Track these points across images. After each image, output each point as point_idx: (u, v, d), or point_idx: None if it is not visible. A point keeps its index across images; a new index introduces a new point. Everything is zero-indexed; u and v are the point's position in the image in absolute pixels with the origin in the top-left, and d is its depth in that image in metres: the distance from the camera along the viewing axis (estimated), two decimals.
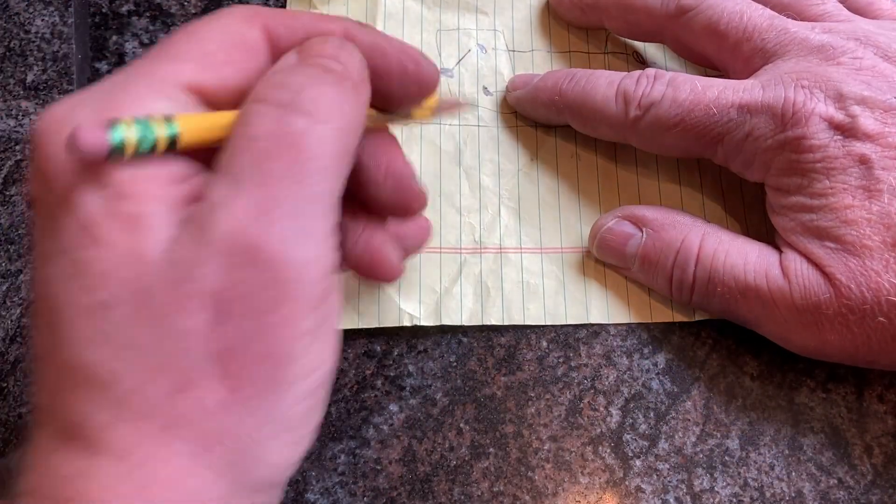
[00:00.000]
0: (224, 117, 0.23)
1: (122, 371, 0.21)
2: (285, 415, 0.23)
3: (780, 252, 0.33)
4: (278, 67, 0.25)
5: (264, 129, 0.22)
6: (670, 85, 0.34)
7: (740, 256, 0.33)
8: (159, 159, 0.22)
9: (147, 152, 0.21)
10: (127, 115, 0.21)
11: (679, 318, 0.36)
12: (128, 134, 0.21)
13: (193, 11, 0.40)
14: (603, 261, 0.37)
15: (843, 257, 0.31)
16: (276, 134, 0.22)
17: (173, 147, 0.22)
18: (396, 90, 0.28)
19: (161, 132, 0.22)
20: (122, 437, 0.21)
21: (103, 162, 0.21)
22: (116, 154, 0.21)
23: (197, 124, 0.23)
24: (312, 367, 0.23)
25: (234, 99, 0.24)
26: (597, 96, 0.36)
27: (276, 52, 0.25)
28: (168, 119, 0.22)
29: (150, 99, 0.23)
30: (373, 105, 0.27)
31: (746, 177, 0.35)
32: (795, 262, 0.32)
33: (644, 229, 0.35)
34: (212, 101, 0.24)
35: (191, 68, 0.24)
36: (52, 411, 0.22)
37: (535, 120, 0.39)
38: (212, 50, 0.24)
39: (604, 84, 0.36)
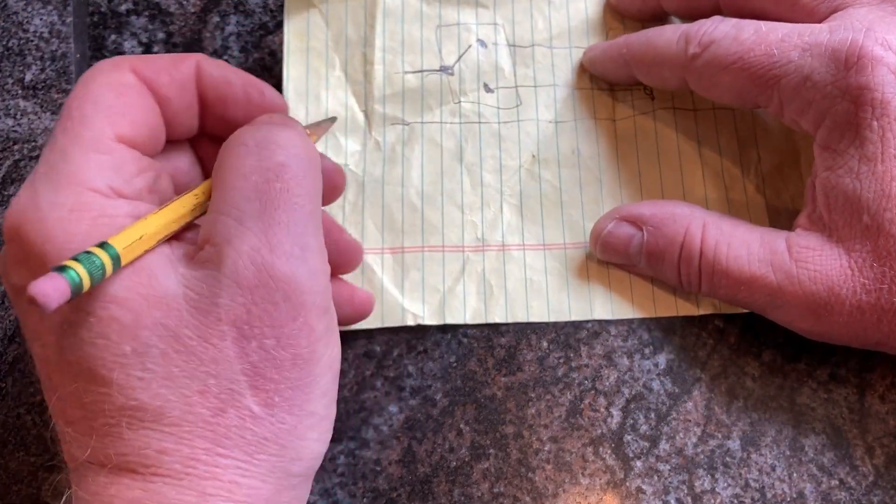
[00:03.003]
0: (147, 226, 0.26)
1: (169, 403, 0.25)
2: (313, 411, 0.27)
3: (793, 231, 0.33)
4: (238, 131, 0.28)
5: (251, 165, 0.26)
6: (734, 26, 0.34)
7: (743, 247, 0.33)
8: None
9: (99, 280, 0.24)
10: (65, 259, 0.24)
11: (683, 311, 0.36)
12: (81, 272, 0.23)
13: (192, 10, 0.41)
14: (608, 262, 0.37)
15: (874, 235, 0.31)
16: (263, 167, 0.26)
17: (117, 265, 0.25)
18: (244, 117, 0.31)
19: (104, 257, 0.24)
20: (177, 461, 0.25)
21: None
22: (76, 293, 0.23)
23: (129, 238, 0.25)
24: (329, 364, 0.27)
25: (149, 136, 0.29)
26: (660, 40, 0.36)
27: (151, 89, 0.29)
28: (102, 245, 0.24)
29: (89, 161, 0.26)
30: (226, 134, 0.29)
31: (801, 126, 0.34)
32: (810, 241, 0.32)
33: (644, 228, 0.35)
34: (136, 146, 0.28)
35: (106, 123, 0.27)
36: (100, 453, 0.25)
37: (605, 78, 0.40)
38: (111, 103, 0.27)
39: (668, 30, 0.36)
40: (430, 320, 0.36)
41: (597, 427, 0.35)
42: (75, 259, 0.24)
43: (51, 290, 0.22)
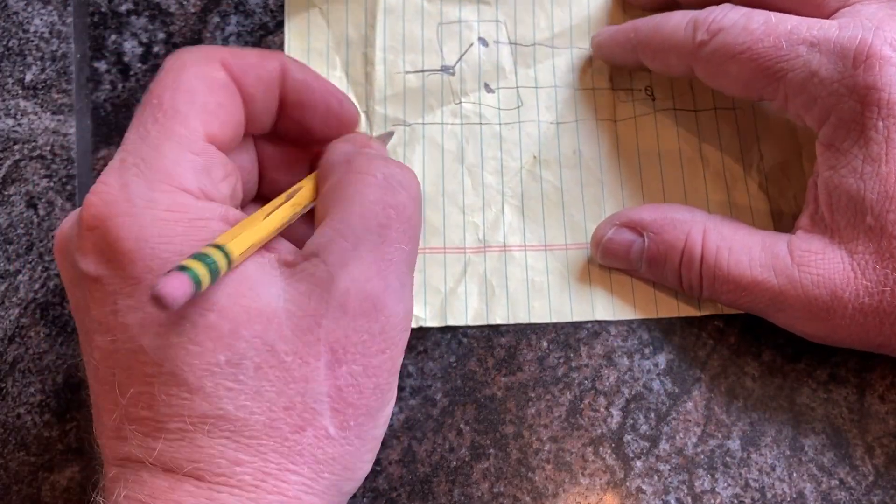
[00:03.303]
0: (257, 230, 0.27)
1: (253, 416, 0.25)
2: (374, 438, 0.28)
3: (794, 233, 0.33)
4: (343, 151, 0.30)
5: (376, 198, 0.28)
6: (745, 15, 0.34)
7: (744, 252, 0.33)
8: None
9: (213, 282, 0.25)
10: (186, 258, 0.24)
11: (685, 312, 0.37)
12: (202, 272, 0.24)
13: (192, 10, 0.41)
14: (609, 267, 0.37)
15: (877, 237, 0.31)
16: (387, 202, 0.28)
17: (228, 269, 0.26)
18: (319, 124, 0.32)
19: (220, 259, 0.25)
20: (248, 472, 0.25)
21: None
22: (196, 293, 0.24)
23: (244, 243, 0.26)
24: (394, 395, 0.29)
25: (233, 137, 0.29)
26: (667, 26, 0.36)
27: (238, 86, 0.29)
28: (217, 246, 0.25)
29: (184, 160, 0.27)
30: (294, 136, 0.31)
31: (805, 121, 0.34)
32: (811, 244, 0.32)
33: (645, 233, 0.35)
34: (220, 145, 0.28)
35: (199, 121, 0.27)
36: (167, 456, 0.25)
37: (612, 63, 0.40)
38: (205, 98, 0.28)
39: (677, 16, 0.36)
40: (431, 322, 0.36)
41: (597, 427, 0.35)
42: (195, 258, 0.24)
43: (178, 289, 0.23)
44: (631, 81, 0.40)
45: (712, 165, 0.39)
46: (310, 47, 0.40)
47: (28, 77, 0.40)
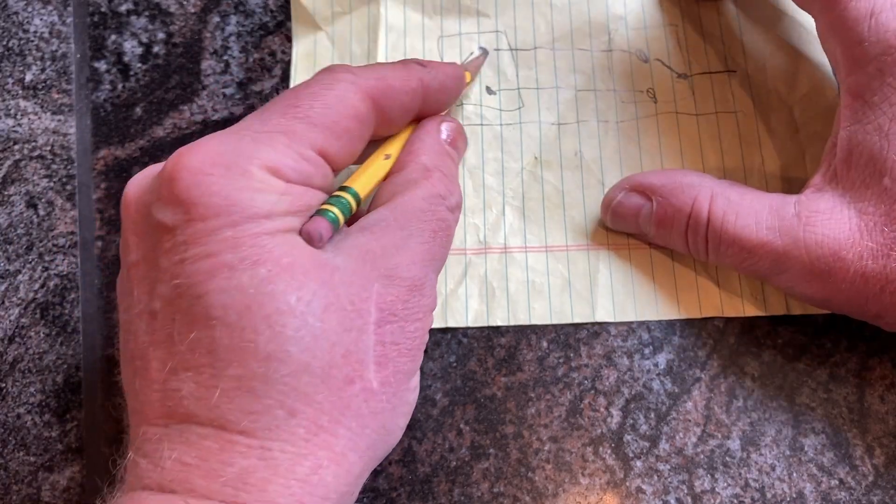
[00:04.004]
0: (378, 170, 0.33)
1: (314, 360, 0.26)
2: (408, 403, 0.30)
3: (802, 194, 0.33)
4: (433, 149, 0.34)
5: (434, 209, 0.31)
6: None
7: (751, 215, 0.33)
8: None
9: (349, 216, 0.30)
10: (326, 203, 0.29)
11: (686, 313, 0.37)
12: (337, 213, 0.29)
13: (192, 10, 0.41)
14: (618, 230, 0.38)
15: (891, 200, 0.31)
16: (439, 216, 0.31)
17: (358, 205, 0.31)
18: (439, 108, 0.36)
19: (351, 200, 0.30)
20: (302, 425, 0.26)
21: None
22: (335, 230, 0.29)
23: (364, 184, 0.32)
24: (419, 363, 0.30)
25: (347, 163, 0.31)
26: None
27: (377, 112, 0.32)
28: (346, 188, 0.31)
29: (288, 156, 0.28)
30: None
31: (837, 57, 0.33)
32: (820, 204, 0.32)
33: (653, 197, 0.36)
34: (332, 164, 0.30)
35: (321, 135, 0.29)
36: (222, 408, 0.25)
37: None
38: (336, 120, 0.30)
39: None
40: (432, 323, 0.36)
41: (597, 427, 0.35)
42: (330, 202, 0.29)
43: (324, 228, 0.28)
44: (633, 83, 0.41)
45: (713, 168, 0.39)
46: (316, 66, 0.40)
47: (28, 77, 0.40)
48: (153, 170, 0.29)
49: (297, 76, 0.40)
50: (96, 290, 0.37)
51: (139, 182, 0.29)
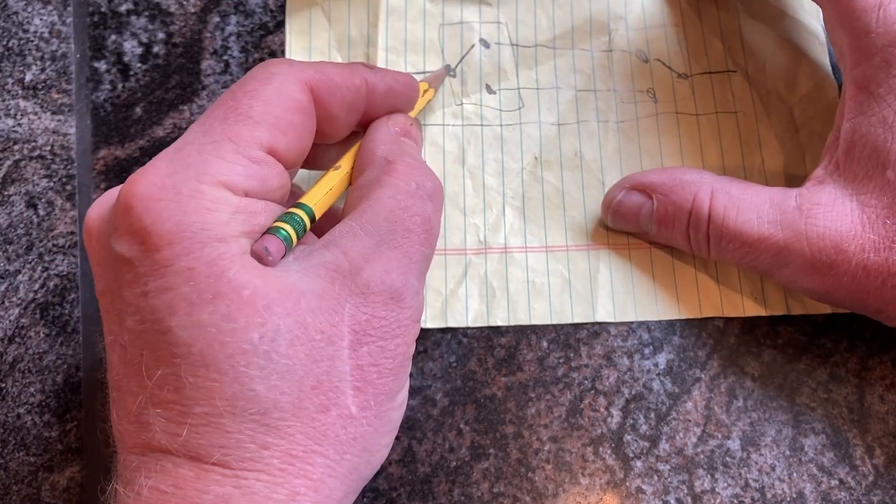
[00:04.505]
0: (328, 181, 0.31)
1: (283, 397, 0.26)
2: (392, 421, 0.29)
3: (804, 187, 0.33)
4: (385, 144, 0.32)
5: (405, 204, 0.29)
6: None
7: (752, 210, 0.33)
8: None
9: (302, 235, 0.29)
10: (278, 220, 0.28)
11: (686, 313, 0.37)
12: (290, 231, 0.28)
13: (192, 10, 0.41)
14: (619, 229, 0.38)
15: (893, 192, 0.31)
16: (413, 210, 0.29)
17: (313, 222, 0.30)
18: (386, 113, 0.34)
19: (303, 215, 0.29)
20: (275, 456, 0.25)
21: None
22: (287, 249, 0.28)
23: (314, 197, 0.30)
24: (407, 380, 0.30)
25: (298, 157, 0.30)
26: None
27: (318, 106, 0.31)
28: (300, 205, 0.29)
29: (238, 162, 0.28)
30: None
31: (844, 48, 0.33)
32: (821, 196, 0.32)
33: (654, 196, 0.36)
34: (283, 161, 0.29)
35: (266, 132, 0.29)
36: (194, 443, 0.25)
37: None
38: (279, 115, 0.29)
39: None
40: (432, 323, 0.37)
41: (597, 427, 0.35)
42: (282, 220, 0.28)
43: (274, 246, 0.27)
44: (633, 83, 0.41)
45: (713, 168, 0.39)
46: (311, 46, 0.40)
47: (28, 77, 0.40)
48: (111, 196, 0.29)
49: (291, 56, 0.40)
50: None
51: (98, 211, 0.29)
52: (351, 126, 0.33)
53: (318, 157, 0.34)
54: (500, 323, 0.37)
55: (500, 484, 0.35)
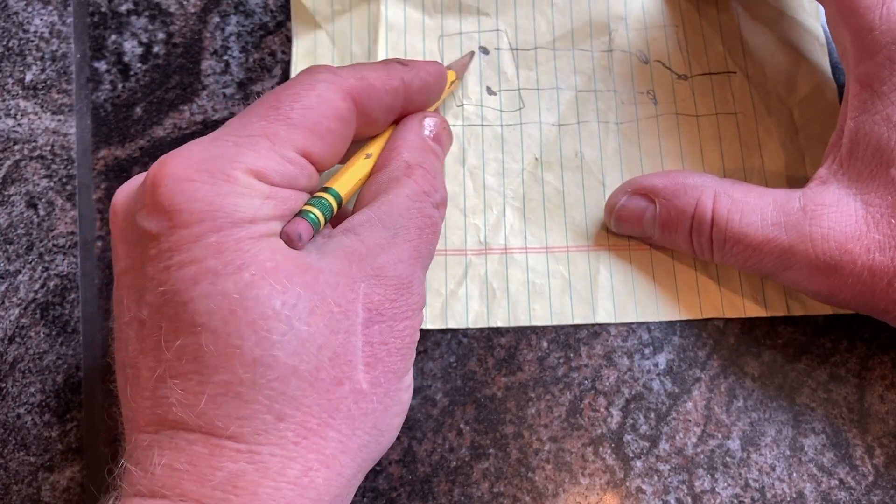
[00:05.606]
0: (359, 170, 0.33)
1: (301, 365, 0.26)
2: (401, 402, 0.30)
3: (807, 188, 0.33)
4: (414, 145, 0.34)
5: (419, 206, 0.31)
6: None
7: (756, 213, 0.33)
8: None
9: (329, 217, 0.31)
10: (308, 204, 0.30)
11: (687, 314, 0.37)
12: (321, 219, 0.30)
13: (192, 10, 0.41)
14: (622, 234, 0.38)
15: None
16: (425, 213, 0.32)
17: (339, 206, 0.32)
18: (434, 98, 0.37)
19: (331, 200, 0.31)
20: (290, 428, 0.26)
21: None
22: (315, 231, 0.29)
23: (345, 184, 0.32)
24: (412, 361, 0.31)
25: (331, 163, 0.32)
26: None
27: (359, 114, 0.32)
28: (327, 189, 0.31)
29: (271, 159, 0.29)
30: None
31: (847, 46, 0.33)
32: (825, 197, 0.32)
33: (657, 200, 0.36)
34: (316, 165, 0.30)
35: (304, 136, 0.30)
36: (209, 414, 0.26)
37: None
38: (317, 120, 0.30)
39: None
40: (432, 324, 0.37)
41: (597, 427, 0.36)
42: (311, 203, 0.30)
43: (304, 229, 0.28)
44: (633, 84, 0.41)
45: (714, 170, 0.39)
46: (316, 63, 0.41)
47: (28, 77, 0.40)
48: (140, 178, 0.29)
49: None
50: (96, 291, 0.38)
51: (126, 191, 0.29)
52: (388, 123, 0.35)
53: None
54: (500, 324, 0.37)
55: (500, 484, 0.35)
